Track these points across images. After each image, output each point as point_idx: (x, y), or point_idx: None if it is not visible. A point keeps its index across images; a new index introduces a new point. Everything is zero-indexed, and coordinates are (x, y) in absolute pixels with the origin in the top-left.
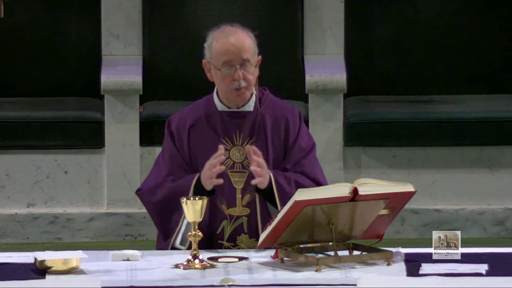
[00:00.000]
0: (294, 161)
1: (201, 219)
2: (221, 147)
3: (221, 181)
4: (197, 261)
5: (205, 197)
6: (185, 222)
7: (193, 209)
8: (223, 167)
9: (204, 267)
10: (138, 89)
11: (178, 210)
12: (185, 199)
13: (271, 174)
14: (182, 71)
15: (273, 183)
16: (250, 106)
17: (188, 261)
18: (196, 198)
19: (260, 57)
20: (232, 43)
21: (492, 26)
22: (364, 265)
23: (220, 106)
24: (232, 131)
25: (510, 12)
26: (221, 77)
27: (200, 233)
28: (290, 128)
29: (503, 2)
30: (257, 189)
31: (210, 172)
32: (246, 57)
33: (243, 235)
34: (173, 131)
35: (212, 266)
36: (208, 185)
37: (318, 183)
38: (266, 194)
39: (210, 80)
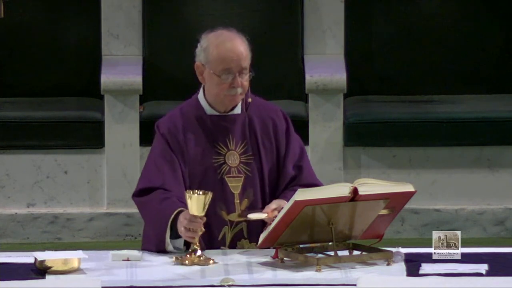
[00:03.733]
0: (293, 162)
1: (203, 214)
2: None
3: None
4: (198, 253)
5: (209, 192)
6: (167, 235)
7: (197, 203)
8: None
9: (205, 262)
10: (138, 89)
11: (159, 241)
12: (191, 192)
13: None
14: (182, 71)
15: None
16: (238, 109)
17: (189, 253)
18: (200, 193)
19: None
20: (232, 50)
21: (492, 26)
22: (364, 265)
23: (209, 110)
24: (225, 136)
25: (510, 12)
26: (217, 82)
27: (202, 228)
28: (278, 131)
29: (503, 2)
30: None
31: (184, 231)
32: (244, 65)
33: (244, 240)
34: (165, 134)
35: (212, 260)
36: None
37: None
38: None
39: (202, 82)
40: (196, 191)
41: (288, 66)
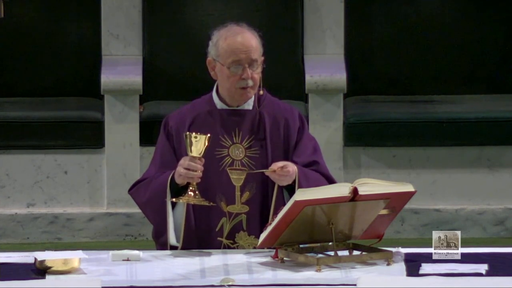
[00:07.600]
0: (306, 156)
1: (200, 155)
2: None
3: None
4: (191, 193)
5: (208, 134)
6: (171, 220)
7: (196, 144)
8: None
9: (200, 201)
10: (138, 89)
11: (160, 210)
12: (188, 133)
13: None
14: (182, 71)
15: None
16: (249, 105)
17: (187, 193)
18: (199, 134)
19: (263, 57)
20: (241, 43)
21: (492, 26)
22: (364, 265)
23: (219, 104)
24: (232, 129)
25: (510, 12)
26: (228, 75)
27: (202, 168)
28: (290, 129)
29: (503, 2)
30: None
31: (184, 171)
32: (254, 57)
33: (242, 232)
34: (171, 130)
35: (208, 201)
36: (179, 180)
37: (331, 180)
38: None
39: (214, 78)
40: (194, 133)
41: (288, 66)
